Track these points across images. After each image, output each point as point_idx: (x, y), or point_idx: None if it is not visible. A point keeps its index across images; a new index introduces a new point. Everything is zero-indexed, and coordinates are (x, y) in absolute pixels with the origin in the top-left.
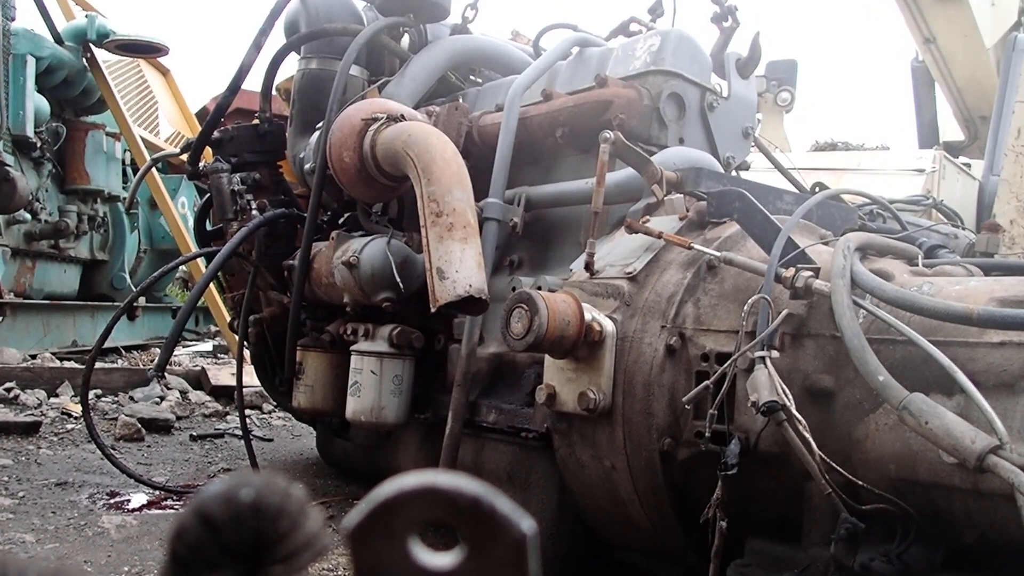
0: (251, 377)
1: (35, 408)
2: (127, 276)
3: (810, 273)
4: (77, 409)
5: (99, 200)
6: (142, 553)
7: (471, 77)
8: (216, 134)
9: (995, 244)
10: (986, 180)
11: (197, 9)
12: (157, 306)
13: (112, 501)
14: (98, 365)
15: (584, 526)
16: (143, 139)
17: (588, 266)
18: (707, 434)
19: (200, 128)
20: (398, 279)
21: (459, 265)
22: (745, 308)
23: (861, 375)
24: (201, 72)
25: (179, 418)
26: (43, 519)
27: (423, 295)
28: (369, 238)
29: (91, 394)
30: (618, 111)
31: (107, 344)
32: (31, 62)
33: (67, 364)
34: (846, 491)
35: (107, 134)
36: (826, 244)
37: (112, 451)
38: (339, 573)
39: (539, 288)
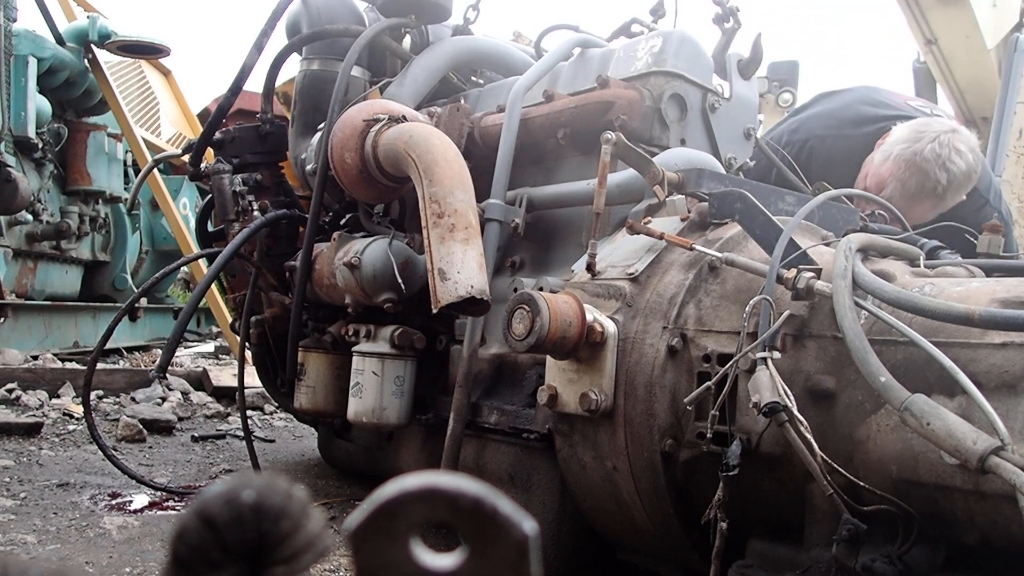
0: (252, 378)
1: (37, 409)
2: (129, 277)
3: (812, 274)
4: (79, 410)
5: (101, 201)
6: (144, 554)
7: (472, 78)
8: (218, 135)
9: (997, 245)
10: None
11: (198, 10)
12: (159, 307)
13: (114, 502)
14: (100, 366)
15: (586, 527)
16: (145, 140)
17: (590, 267)
18: (708, 435)
19: (202, 129)
20: (400, 280)
21: (461, 266)
22: (747, 309)
23: (863, 376)
24: (203, 73)
25: (181, 419)
26: (44, 520)
27: (425, 296)
28: (371, 239)
29: (93, 395)
30: (620, 112)
31: (109, 345)
32: (33, 63)
33: (69, 365)
34: (848, 492)
35: (109, 135)
36: (828, 245)
37: (114, 452)
38: (341, 574)
39: (541, 289)
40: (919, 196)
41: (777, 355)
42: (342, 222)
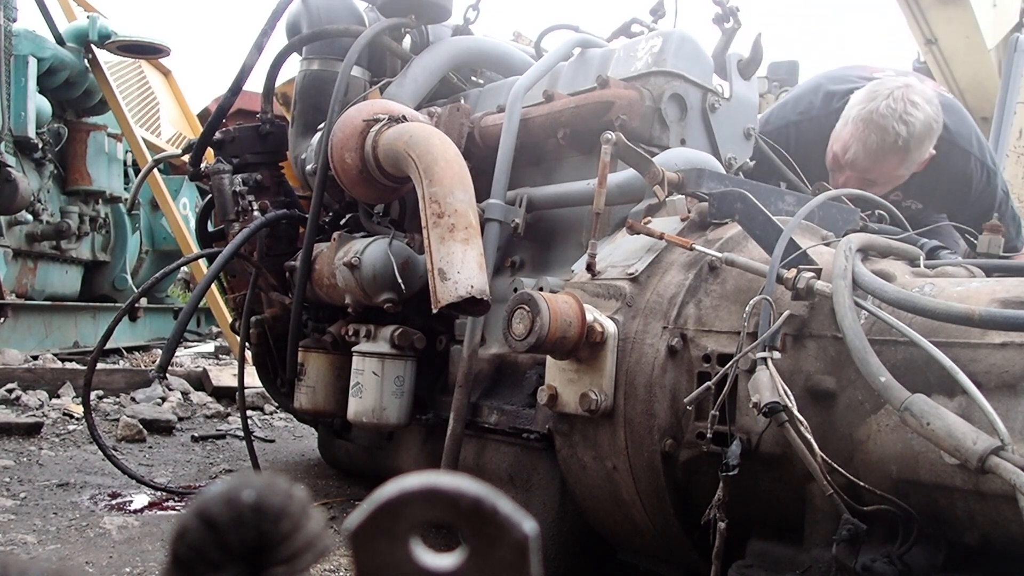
0: (252, 378)
1: (37, 409)
2: (129, 277)
3: (812, 274)
4: (79, 410)
5: (101, 201)
6: (144, 554)
7: (472, 78)
8: (218, 135)
9: (997, 245)
10: None
11: (198, 10)
12: (159, 307)
13: (114, 502)
14: (100, 366)
15: (586, 527)
16: (145, 140)
17: (590, 267)
18: (709, 435)
19: (201, 129)
20: (400, 280)
21: (461, 266)
22: (747, 309)
23: (863, 376)
24: (203, 73)
25: (181, 419)
26: (44, 520)
27: (425, 296)
28: (371, 239)
29: (93, 395)
30: (620, 112)
31: (109, 345)
32: (33, 63)
33: (69, 365)
34: (848, 492)
35: (109, 135)
36: (828, 245)
37: (114, 452)
38: (341, 574)
39: (541, 289)
40: (882, 153)
41: (777, 355)
42: (342, 222)
